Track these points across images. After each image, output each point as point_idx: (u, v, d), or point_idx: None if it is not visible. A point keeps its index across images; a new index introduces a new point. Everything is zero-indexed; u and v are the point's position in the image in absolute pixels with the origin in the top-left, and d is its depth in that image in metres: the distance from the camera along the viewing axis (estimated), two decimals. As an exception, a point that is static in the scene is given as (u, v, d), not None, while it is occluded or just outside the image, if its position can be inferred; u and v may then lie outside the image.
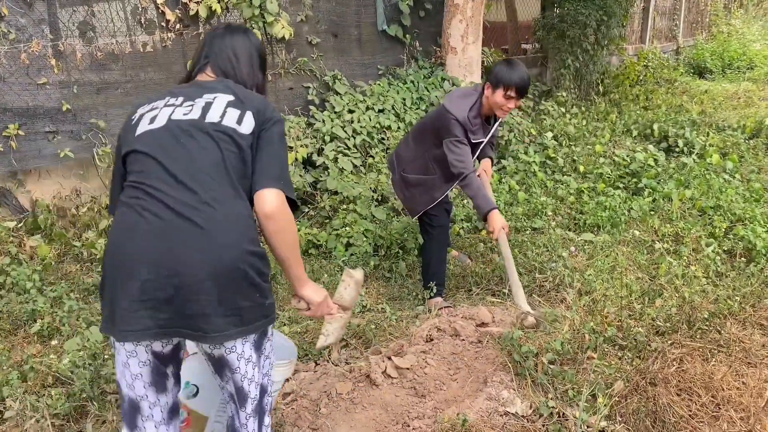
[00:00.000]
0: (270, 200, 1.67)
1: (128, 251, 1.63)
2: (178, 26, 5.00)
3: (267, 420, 1.89)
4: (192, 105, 1.78)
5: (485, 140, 3.47)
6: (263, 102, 1.83)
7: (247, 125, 1.75)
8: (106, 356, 3.03)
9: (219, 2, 5.09)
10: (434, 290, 3.58)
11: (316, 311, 1.93)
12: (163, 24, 4.94)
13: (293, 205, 1.76)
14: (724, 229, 4.28)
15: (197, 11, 5.02)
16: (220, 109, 1.77)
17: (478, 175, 3.56)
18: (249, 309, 1.68)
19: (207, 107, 1.77)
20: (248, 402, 1.81)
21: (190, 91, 1.85)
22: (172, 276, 1.59)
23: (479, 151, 3.53)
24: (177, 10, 4.96)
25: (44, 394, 2.75)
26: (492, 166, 3.78)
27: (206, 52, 1.95)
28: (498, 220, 3.29)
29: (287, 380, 2.74)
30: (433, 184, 3.50)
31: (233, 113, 1.76)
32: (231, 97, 1.80)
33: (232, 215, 1.66)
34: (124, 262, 1.63)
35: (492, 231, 3.32)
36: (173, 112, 1.77)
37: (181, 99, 1.81)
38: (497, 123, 3.57)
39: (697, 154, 6.17)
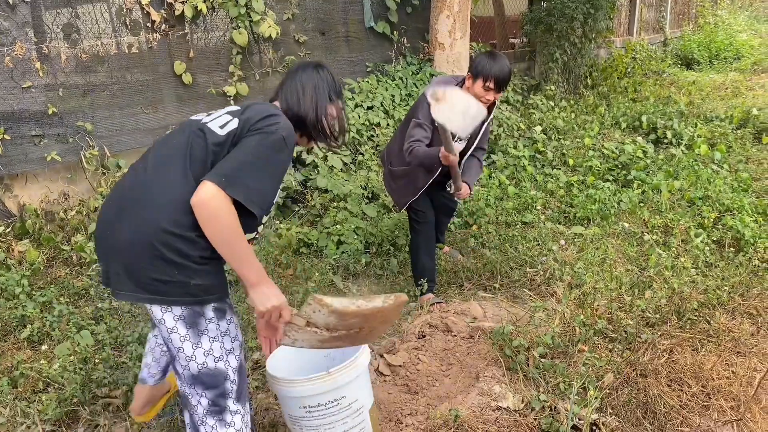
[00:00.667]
0: (201, 191, 1.71)
1: (100, 214, 1.91)
2: (163, 27, 4.97)
3: (229, 405, 1.92)
4: (211, 114, 1.99)
5: (470, 136, 3.44)
6: (260, 115, 1.88)
7: (227, 128, 1.86)
8: (96, 360, 3.02)
9: (205, 2, 5.06)
10: (425, 287, 3.58)
11: (260, 319, 1.92)
12: (149, 25, 4.91)
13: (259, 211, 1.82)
14: (712, 220, 4.31)
15: (183, 11, 4.99)
16: (219, 115, 1.93)
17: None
18: (164, 282, 1.75)
19: (215, 115, 1.95)
20: (184, 379, 1.89)
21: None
22: (108, 237, 1.82)
23: (456, 146, 3.46)
24: (162, 11, 4.93)
25: (35, 400, 2.74)
26: (471, 188, 3.56)
27: (281, 88, 2.11)
28: (446, 156, 3.14)
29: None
30: (416, 175, 3.48)
31: (224, 119, 1.90)
32: (236, 108, 1.96)
33: (166, 195, 1.77)
34: (97, 224, 1.91)
35: (447, 160, 3.15)
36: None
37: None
38: (484, 127, 3.52)
39: (686, 145, 6.21)
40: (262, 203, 1.81)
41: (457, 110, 2.88)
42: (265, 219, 1.99)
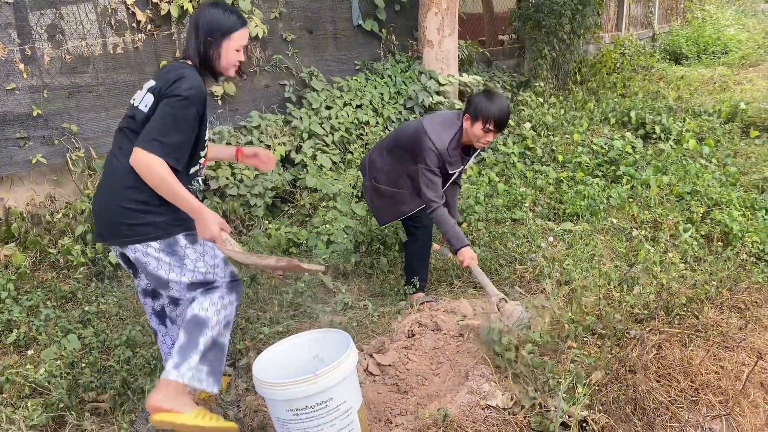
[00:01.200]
0: (132, 155, 2.21)
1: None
2: (149, 27, 4.94)
3: (217, 292, 2.39)
4: (138, 94, 2.39)
5: (463, 168, 3.47)
6: (167, 83, 2.26)
7: (146, 104, 2.29)
8: (83, 364, 3.00)
9: (191, 1, 5.02)
10: (417, 285, 3.57)
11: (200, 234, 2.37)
12: (134, 25, 4.88)
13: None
14: (701, 214, 4.33)
15: (168, 11, 4.95)
16: (143, 95, 2.33)
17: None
18: (137, 225, 2.27)
19: (140, 95, 2.35)
20: (181, 294, 2.39)
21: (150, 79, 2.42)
22: (95, 207, 2.39)
23: (453, 178, 3.52)
24: (148, 11, 4.90)
25: (20, 406, 2.71)
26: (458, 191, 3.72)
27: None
28: (467, 254, 3.26)
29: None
30: (403, 199, 3.47)
31: (147, 98, 2.30)
32: (152, 83, 2.33)
33: (123, 166, 2.29)
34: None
35: (462, 261, 3.28)
36: None
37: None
38: (476, 153, 3.53)
39: (674, 140, 6.23)
40: (176, 153, 2.23)
41: (513, 319, 3.02)
42: (196, 169, 2.42)
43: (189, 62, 2.40)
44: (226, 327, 2.41)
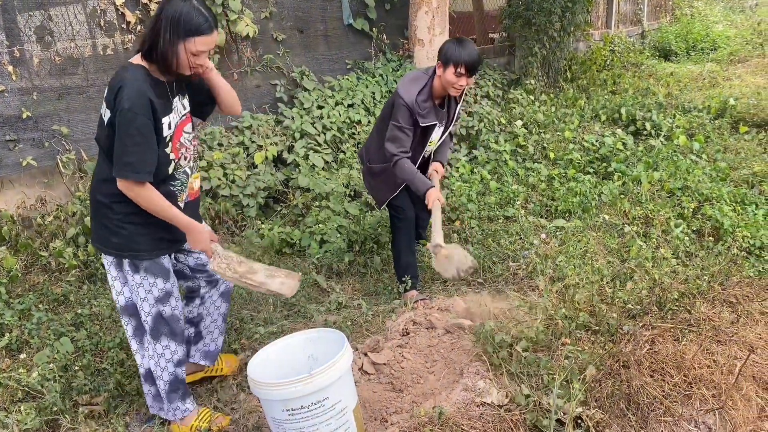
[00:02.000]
0: (118, 185, 2.27)
1: None
2: (139, 28, 4.91)
3: (146, 337, 2.52)
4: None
5: (438, 123, 3.44)
6: (111, 92, 2.22)
7: (103, 112, 2.28)
8: (76, 367, 2.98)
9: (180, 1, 5.00)
10: (409, 283, 3.58)
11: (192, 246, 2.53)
12: (124, 26, 4.85)
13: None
14: (692, 210, 4.35)
15: (158, 11, 4.93)
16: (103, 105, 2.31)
17: (429, 176, 3.57)
18: (100, 235, 2.41)
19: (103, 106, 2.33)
20: (118, 308, 2.53)
21: None
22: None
23: (435, 134, 3.51)
24: (137, 12, 4.87)
25: (14, 410, 2.70)
26: (444, 167, 3.70)
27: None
28: (433, 194, 3.30)
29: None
30: (395, 172, 3.49)
31: (103, 106, 2.29)
32: (106, 91, 2.28)
33: (98, 176, 2.39)
34: None
35: (427, 202, 3.32)
36: None
37: None
38: (456, 108, 3.54)
39: (665, 136, 6.26)
40: (146, 168, 2.23)
41: (454, 266, 3.12)
42: (172, 167, 2.41)
43: (137, 58, 2.28)
44: (179, 364, 2.59)
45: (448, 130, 3.61)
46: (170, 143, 2.37)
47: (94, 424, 2.67)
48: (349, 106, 6.02)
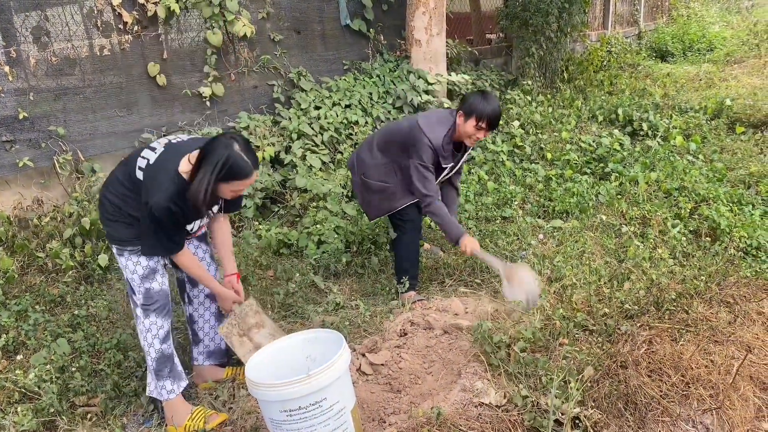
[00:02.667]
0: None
1: None
2: (136, 28, 4.90)
3: (137, 311, 2.65)
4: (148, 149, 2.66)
5: (454, 165, 3.57)
6: (151, 185, 2.43)
7: (138, 176, 2.53)
8: (73, 369, 2.97)
9: (177, 2, 5.00)
10: (407, 284, 3.57)
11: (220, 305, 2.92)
12: (120, 26, 4.84)
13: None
14: (689, 210, 4.36)
15: (155, 12, 4.92)
16: (142, 162, 2.56)
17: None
18: (107, 231, 2.63)
19: (146, 155, 2.59)
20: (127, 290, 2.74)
21: None
22: None
23: (445, 175, 3.60)
24: (134, 12, 4.86)
25: (10, 411, 2.69)
26: (458, 196, 3.89)
27: (201, 151, 2.48)
28: (468, 243, 3.42)
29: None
30: (394, 193, 3.52)
31: (140, 174, 2.52)
32: (149, 158, 2.53)
33: (107, 180, 2.68)
34: None
35: (464, 251, 3.46)
36: None
37: None
38: (467, 152, 3.64)
39: (661, 136, 6.27)
40: (179, 244, 2.57)
41: (524, 292, 3.19)
42: (195, 226, 2.64)
43: (185, 164, 2.42)
44: (164, 341, 2.66)
45: (451, 174, 3.73)
46: (188, 235, 2.69)
47: (91, 426, 2.66)
48: (347, 106, 6.01)
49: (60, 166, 4.54)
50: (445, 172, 3.58)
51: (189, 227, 2.61)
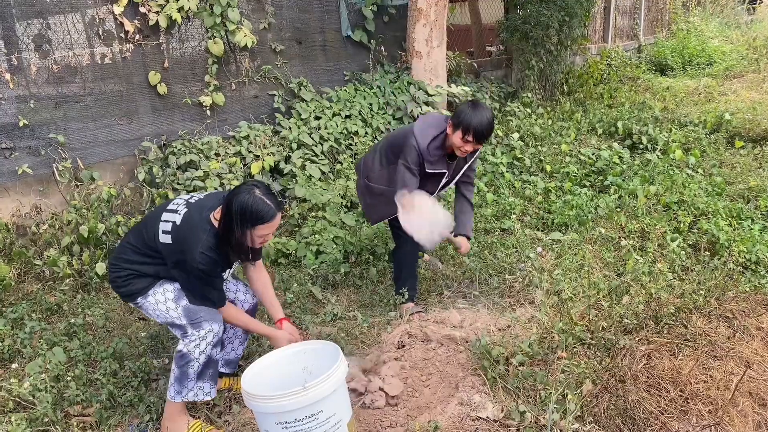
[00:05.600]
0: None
1: None
2: (137, 37, 4.92)
3: (189, 331, 2.59)
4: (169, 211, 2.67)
5: (446, 172, 3.42)
6: (185, 241, 2.49)
7: (164, 241, 2.56)
8: (69, 378, 2.95)
9: (179, 11, 5.02)
10: (406, 296, 3.56)
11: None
12: (122, 35, 4.85)
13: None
14: (688, 224, 4.36)
15: (157, 21, 4.94)
16: (164, 225, 2.60)
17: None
18: (122, 292, 2.66)
19: (165, 220, 2.62)
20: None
21: None
22: None
23: (444, 182, 3.50)
24: (136, 21, 4.88)
25: (4, 421, 2.66)
26: (470, 240, 3.67)
27: (224, 202, 2.54)
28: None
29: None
30: (394, 198, 3.48)
31: (166, 238, 2.57)
32: (175, 220, 2.56)
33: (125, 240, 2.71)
34: None
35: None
36: None
37: None
38: (468, 163, 3.52)
39: (661, 150, 6.28)
40: (221, 299, 2.62)
41: (425, 222, 3.05)
42: (227, 275, 2.68)
43: (214, 220, 2.50)
44: (216, 344, 2.63)
45: (460, 186, 3.62)
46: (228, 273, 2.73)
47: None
48: (347, 117, 6.02)
49: (59, 173, 4.54)
50: (441, 181, 3.47)
51: (224, 275, 2.65)
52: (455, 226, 3.56)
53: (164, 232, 2.53)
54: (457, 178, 3.57)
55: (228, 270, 2.66)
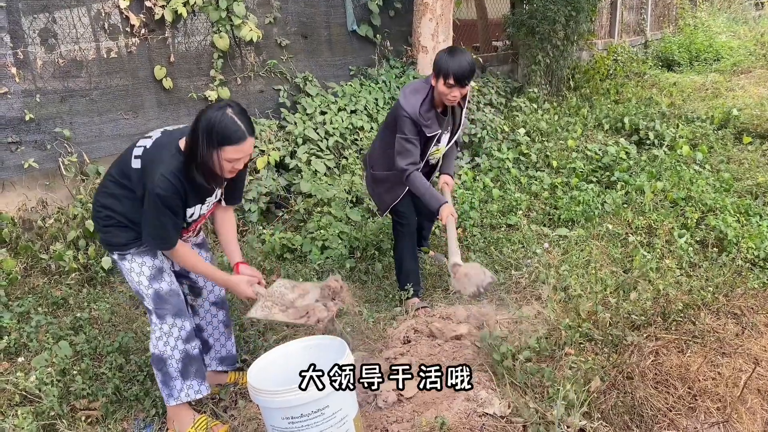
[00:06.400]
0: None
1: None
2: (143, 31, 4.90)
3: (153, 318, 2.57)
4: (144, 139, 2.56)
5: (443, 131, 3.43)
6: (151, 163, 2.37)
7: (136, 166, 2.43)
8: (75, 372, 2.95)
9: (185, 6, 5.00)
10: (411, 291, 3.55)
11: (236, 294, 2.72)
12: (128, 29, 4.84)
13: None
14: (695, 220, 4.33)
15: (162, 15, 4.93)
16: (138, 151, 2.48)
17: (440, 189, 3.56)
18: (101, 238, 2.56)
19: (141, 144, 2.51)
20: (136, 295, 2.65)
21: None
22: None
23: (442, 141, 3.50)
24: (141, 15, 4.87)
25: (11, 414, 2.67)
26: (453, 177, 3.70)
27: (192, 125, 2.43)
28: (446, 210, 3.30)
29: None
30: (397, 180, 3.46)
31: (136, 162, 2.44)
32: (146, 145, 2.47)
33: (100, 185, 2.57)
34: None
35: (440, 218, 3.33)
36: None
37: None
38: (461, 112, 3.52)
39: (668, 145, 6.25)
40: (174, 238, 2.44)
41: (474, 284, 3.05)
42: (194, 213, 2.53)
43: (182, 144, 2.37)
44: (188, 341, 2.60)
45: (455, 138, 3.60)
46: (188, 226, 2.58)
47: (92, 430, 2.64)
48: (352, 112, 6.00)
49: (65, 168, 4.54)
50: (442, 140, 3.47)
51: (189, 212, 2.50)
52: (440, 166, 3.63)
53: (136, 156, 2.41)
54: (458, 132, 3.55)
55: (195, 209, 2.51)
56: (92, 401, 2.83)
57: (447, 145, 3.57)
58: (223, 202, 2.70)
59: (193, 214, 2.52)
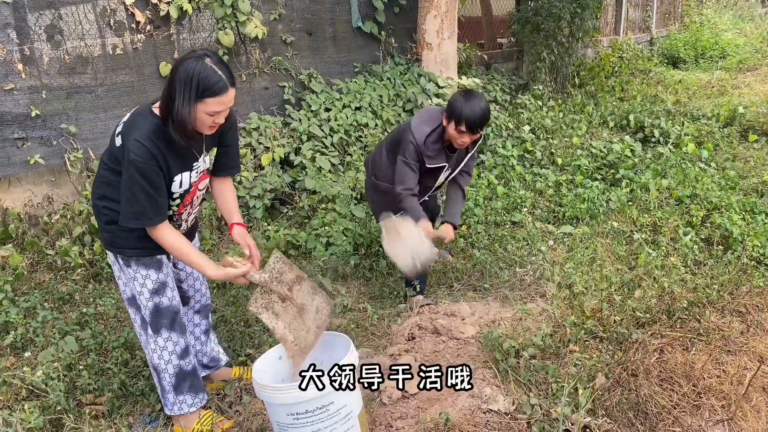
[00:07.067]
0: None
1: None
2: (148, 28, 4.91)
3: (147, 330, 2.50)
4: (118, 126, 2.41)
5: (447, 165, 3.38)
6: (126, 136, 2.22)
7: (117, 144, 2.29)
8: (81, 367, 2.97)
9: (190, 2, 5.01)
10: (416, 288, 3.56)
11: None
12: (133, 26, 4.85)
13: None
14: (701, 218, 4.32)
15: (168, 12, 4.93)
16: (118, 130, 2.35)
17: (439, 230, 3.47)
18: (104, 237, 2.45)
19: (118, 128, 2.36)
20: (125, 300, 2.55)
21: None
22: None
23: (443, 176, 3.46)
24: (147, 11, 4.88)
25: (17, 408, 2.68)
26: (456, 228, 3.51)
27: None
28: (424, 224, 3.21)
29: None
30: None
31: (118, 140, 2.31)
32: (122, 125, 2.34)
33: (96, 178, 2.46)
34: None
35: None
36: None
37: None
38: (470, 154, 3.48)
39: (673, 143, 6.23)
40: (155, 212, 2.24)
41: (407, 250, 2.96)
42: (175, 204, 2.38)
43: (156, 108, 2.22)
44: (183, 356, 2.55)
45: (456, 174, 3.54)
46: (180, 200, 2.38)
47: (98, 424, 2.66)
48: (357, 109, 6.01)
49: (71, 164, 4.56)
50: (442, 174, 3.43)
51: (176, 182, 2.30)
52: (443, 213, 3.54)
53: (117, 134, 2.26)
54: (458, 169, 3.53)
55: (181, 177, 2.31)
56: (98, 396, 2.84)
57: (444, 180, 3.53)
58: (214, 175, 2.55)
59: (181, 183, 2.32)
